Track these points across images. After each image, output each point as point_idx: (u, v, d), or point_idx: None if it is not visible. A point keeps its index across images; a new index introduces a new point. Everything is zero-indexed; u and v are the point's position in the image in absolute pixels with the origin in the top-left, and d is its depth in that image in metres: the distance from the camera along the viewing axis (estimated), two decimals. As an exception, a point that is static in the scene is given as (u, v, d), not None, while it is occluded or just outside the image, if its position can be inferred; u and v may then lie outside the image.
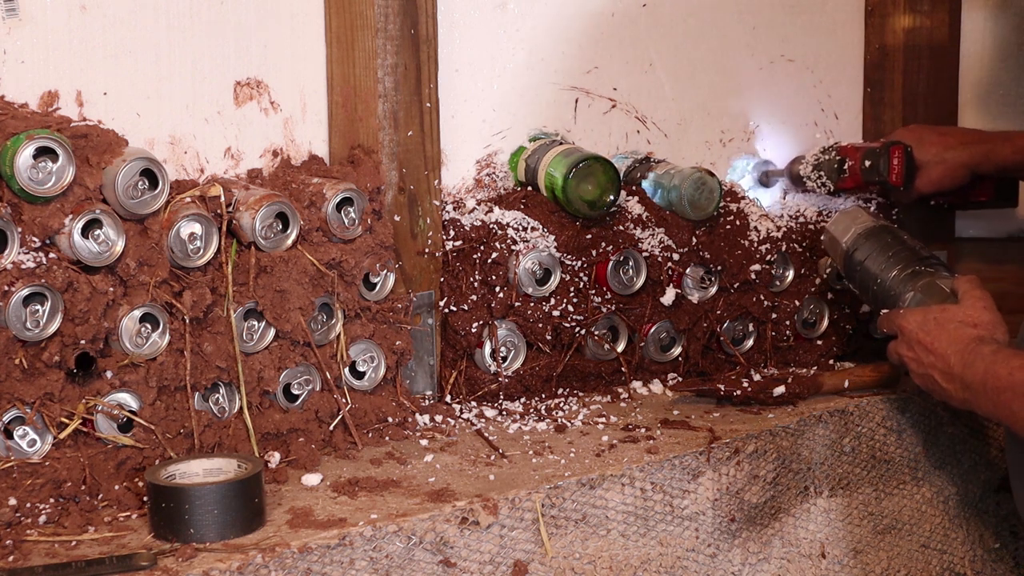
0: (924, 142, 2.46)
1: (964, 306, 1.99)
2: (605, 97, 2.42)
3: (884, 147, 2.45)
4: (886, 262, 2.15)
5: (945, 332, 1.97)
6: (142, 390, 1.81)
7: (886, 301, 2.14)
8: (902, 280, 2.12)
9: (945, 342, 1.96)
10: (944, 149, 2.45)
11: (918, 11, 2.65)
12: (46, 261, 1.72)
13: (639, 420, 2.10)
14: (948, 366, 1.95)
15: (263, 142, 2.09)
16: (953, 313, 1.99)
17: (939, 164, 2.45)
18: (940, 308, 2.01)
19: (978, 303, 1.99)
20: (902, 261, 2.14)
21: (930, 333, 1.99)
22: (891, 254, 2.16)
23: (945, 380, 1.95)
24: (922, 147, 2.46)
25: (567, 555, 1.83)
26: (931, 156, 2.45)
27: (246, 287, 1.88)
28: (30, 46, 1.86)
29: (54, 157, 1.72)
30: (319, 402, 1.96)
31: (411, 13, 2.06)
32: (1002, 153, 2.44)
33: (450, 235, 2.16)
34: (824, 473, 2.13)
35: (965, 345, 1.93)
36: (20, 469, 1.71)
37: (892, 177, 2.44)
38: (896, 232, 2.21)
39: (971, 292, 2.01)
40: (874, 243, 2.18)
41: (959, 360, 1.92)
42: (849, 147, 2.51)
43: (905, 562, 2.25)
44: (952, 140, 2.47)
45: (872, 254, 2.17)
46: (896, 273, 2.13)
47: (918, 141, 2.46)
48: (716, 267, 2.30)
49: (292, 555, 1.58)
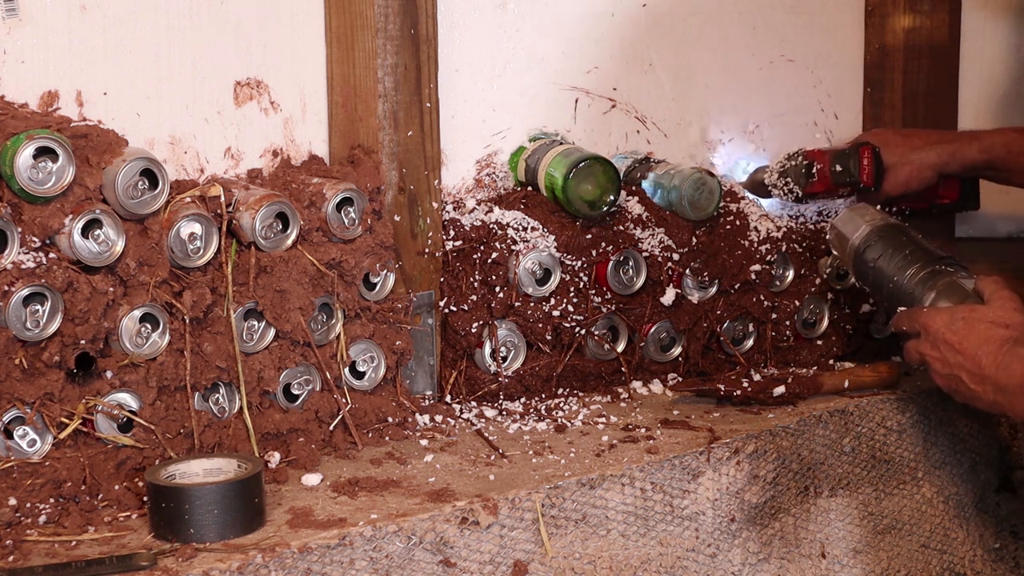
0: (889, 144, 2.44)
1: (994, 306, 1.95)
2: (605, 97, 2.42)
3: (853, 148, 2.44)
4: (902, 260, 2.10)
5: (975, 332, 1.92)
6: (142, 390, 1.81)
7: (902, 300, 2.09)
8: (920, 280, 2.07)
9: (975, 342, 1.91)
10: (909, 150, 2.43)
11: (918, 11, 2.65)
12: (46, 261, 1.72)
13: (639, 420, 2.10)
14: (979, 367, 1.90)
15: (263, 142, 2.09)
16: (983, 313, 1.94)
17: (905, 165, 2.43)
18: (968, 308, 1.96)
19: (1008, 303, 1.94)
20: (919, 260, 2.09)
21: (958, 333, 1.94)
22: (907, 252, 2.11)
23: (974, 382, 1.91)
24: (887, 149, 2.43)
25: (567, 555, 1.83)
26: (897, 158, 2.43)
27: (246, 287, 1.88)
28: (30, 46, 1.86)
29: (54, 157, 1.72)
30: (319, 402, 1.96)
31: (411, 13, 2.06)
32: (968, 153, 2.41)
33: (450, 235, 2.16)
34: (824, 473, 2.13)
35: (999, 346, 1.88)
36: (20, 469, 1.71)
37: (864, 177, 2.42)
38: (909, 231, 2.17)
39: (999, 292, 1.97)
40: (888, 241, 2.14)
41: (991, 361, 1.88)
42: (816, 151, 2.48)
43: (905, 562, 2.25)
44: (917, 141, 2.45)
45: (886, 253, 2.12)
46: (914, 272, 2.08)
47: (883, 144, 2.44)
48: (706, 275, 2.30)
49: (292, 555, 1.59)
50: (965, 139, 2.43)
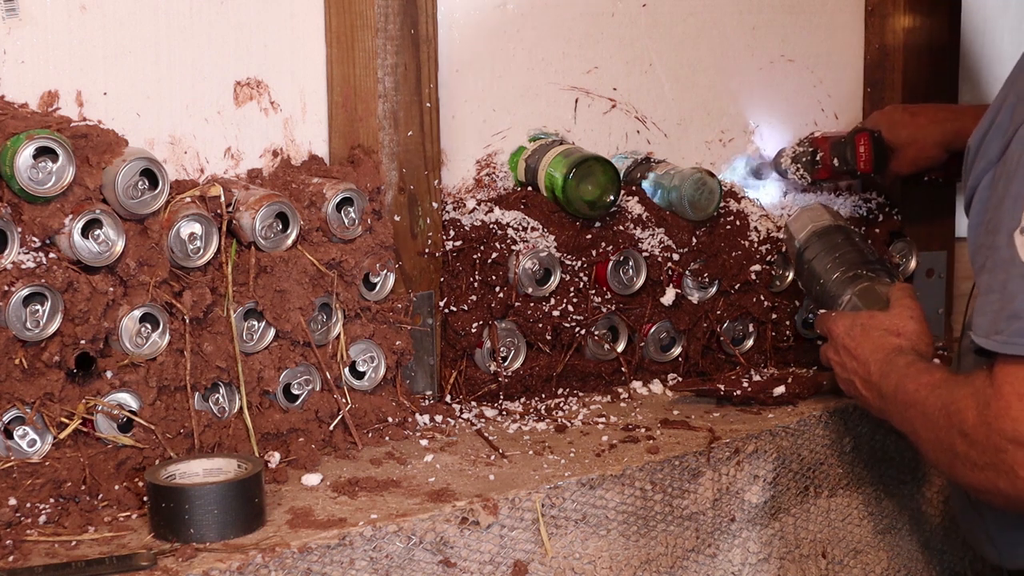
0: (896, 124, 2.47)
1: (891, 314, 1.95)
2: (605, 97, 2.42)
3: (849, 136, 2.47)
4: (832, 263, 2.12)
5: (869, 339, 1.92)
6: (142, 390, 1.81)
7: (825, 302, 2.11)
8: (842, 282, 2.08)
9: (868, 349, 1.91)
10: (916, 129, 2.45)
11: (918, 11, 2.65)
12: (46, 261, 1.72)
13: (639, 420, 2.10)
14: (868, 373, 1.89)
15: (263, 142, 2.09)
16: (880, 320, 1.94)
17: (912, 145, 2.45)
18: (868, 314, 1.97)
19: (905, 312, 1.94)
20: (846, 263, 2.10)
21: (855, 339, 1.94)
22: (838, 255, 2.12)
23: (864, 387, 1.90)
24: (895, 129, 2.46)
25: (567, 555, 1.83)
26: (904, 137, 2.45)
27: (246, 287, 1.88)
28: (30, 46, 1.86)
29: (54, 157, 1.72)
30: (319, 402, 1.96)
31: (411, 13, 2.06)
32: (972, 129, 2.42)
33: (450, 235, 2.16)
34: (824, 473, 2.13)
35: (886, 354, 1.87)
36: (20, 469, 1.71)
37: (860, 165, 2.46)
38: (850, 233, 2.17)
39: (901, 300, 1.97)
40: (824, 243, 2.15)
41: (878, 369, 1.87)
42: (820, 138, 2.52)
43: (905, 562, 2.25)
44: (923, 119, 2.46)
45: (820, 254, 2.14)
46: (839, 275, 2.10)
47: (890, 123, 2.47)
48: (706, 276, 2.30)
49: (292, 555, 1.59)
50: (970, 115, 2.40)
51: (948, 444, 1.62)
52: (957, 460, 1.61)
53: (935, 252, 2.66)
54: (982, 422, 1.55)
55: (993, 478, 1.55)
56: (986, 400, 1.55)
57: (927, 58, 2.67)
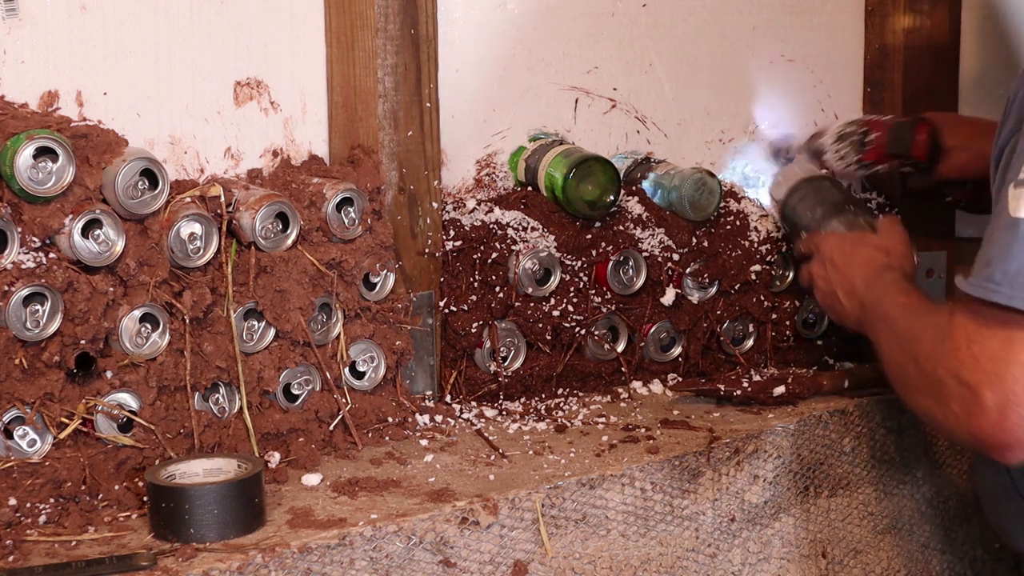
0: (951, 125, 2.44)
1: (882, 235, 2.09)
2: (605, 97, 2.42)
3: (911, 121, 2.45)
4: (819, 203, 2.23)
5: (859, 255, 2.06)
6: (142, 390, 1.81)
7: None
8: (828, 215, 2.20)
9: (857, 263, 2.04)
10: (971, 137, 2.40)
11: (918, 11, 2.65)
12: (46, 261, 1.72)
13: (639, 420, 2.10)
14: (852, 286, 2.02)
15: (263, 142, 2.09)
16: (871, 239, 2.09)
17: (964, 151, 2.41)
18: (860, 234, 2.11)
19: (895, 235, 2.09)
20: (832, 201, 2.23)
21: (845, 254, 2.08)
22: (823, 196, 2.24)
23: (846, 297, 2.03)
24: (950, 130, 2.42)
25: (567, 555, 1.83)
26: (958, 142, 2.41)
27: (246, 287, 1.88)
28: (30, 46, 1.86)
29: (54, 157, 1.72)
30: (319, 402, 1.96)
31: (411, 13, 2.06)
32: None
33: (450, 235, 2.16)
34: (824, 473, 2.13)
35: (874, 268, 2.00)
36: (20, 469, 1.71)
37: (917, 151, 2.42)
38: (838, 183, 2.30)
39: (892, 227, 2.11)
40: (813, 186, 2.27)
41: (863, 281, 2.00)
42: (874, 120, 2.49)
43: (905, 562, 2.25)
44: (982, 128, 2.39)
45: (807, 197, 2.25)
46: (825, 210, 2.21)
47: (946, 124, 2.43)
48: (706, 276, 2.30)
49: (292, 555, 1.59)
50: None
51: (904, 365, 1.74)
52: (909, 382, 1.73)
53: (935, 252, 2.66)
54: (933, 354, 1.64)
55: (932, 405, 1.66)
56: (941, 336, 1.63)
57: (927, 58, 2.67)
